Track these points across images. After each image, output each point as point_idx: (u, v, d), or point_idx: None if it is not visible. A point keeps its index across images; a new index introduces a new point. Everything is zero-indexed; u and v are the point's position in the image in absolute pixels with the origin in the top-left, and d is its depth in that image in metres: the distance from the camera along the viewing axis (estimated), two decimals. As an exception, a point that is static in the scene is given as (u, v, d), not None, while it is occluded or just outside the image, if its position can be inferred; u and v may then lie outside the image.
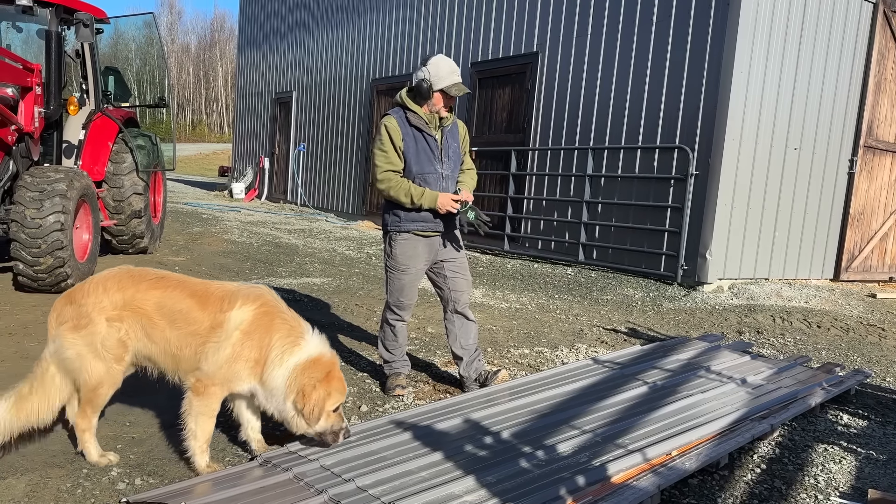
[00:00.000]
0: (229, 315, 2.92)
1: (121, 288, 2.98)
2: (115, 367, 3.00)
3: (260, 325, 2.94)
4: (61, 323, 3.00)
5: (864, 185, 9.76)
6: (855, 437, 4.01)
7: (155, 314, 2.95)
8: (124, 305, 2.96)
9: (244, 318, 2.93)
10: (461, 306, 4.34)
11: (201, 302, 2.96)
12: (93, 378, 2.98)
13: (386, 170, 4.12)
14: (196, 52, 76.96)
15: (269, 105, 19.62)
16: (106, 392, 3.05)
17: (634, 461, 3.08)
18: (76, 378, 3.02)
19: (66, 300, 3.05)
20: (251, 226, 12.82)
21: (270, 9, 19.70)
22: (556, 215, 10.20)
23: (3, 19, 7.78)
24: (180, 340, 2.94)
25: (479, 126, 11.83)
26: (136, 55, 64.42)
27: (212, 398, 2.96)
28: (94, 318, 2.94)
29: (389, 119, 4.15)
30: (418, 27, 13.52)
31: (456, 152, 4.30)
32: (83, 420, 3.08)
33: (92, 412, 3.07)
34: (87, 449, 3.09)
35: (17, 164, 6.72)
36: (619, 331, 6.41)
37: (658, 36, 8.93)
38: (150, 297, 2.97)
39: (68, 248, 6.16)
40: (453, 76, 4.09)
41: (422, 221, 4.17)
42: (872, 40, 9.41)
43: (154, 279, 3.03)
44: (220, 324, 2.92)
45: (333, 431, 3.04)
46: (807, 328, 6.87)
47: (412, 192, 4.07)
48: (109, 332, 2.95)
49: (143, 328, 2.97)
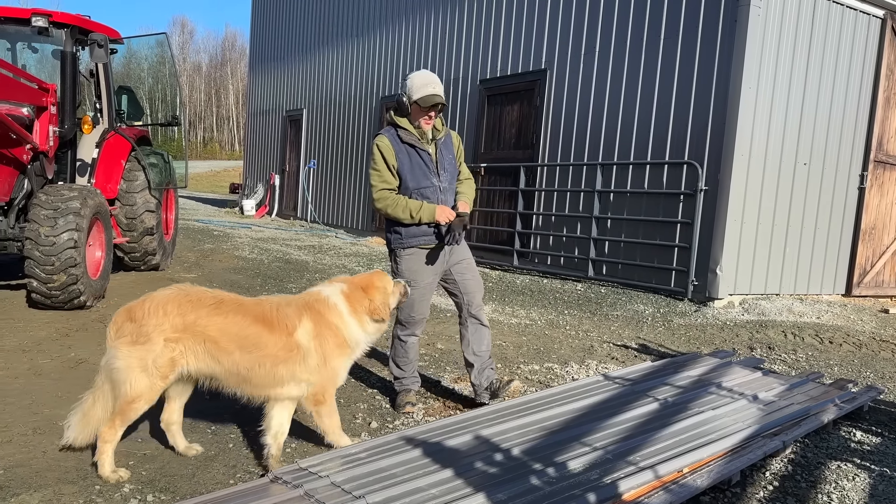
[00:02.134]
0: (297, 336, 3.26)
1: (181, 313, 3.15)
2: (158, 384, 3.14)
3: (318, 323, 3.33)
4: (119, 336, 3.14)
5: (874, 200, 9.71)
6: (868, 454, 3.97)
7: (221, 338, 3.16)
8: (184, 329, 3.13)
9: (308, 330, 3.29)
10: (475, 308, 4.37)
11: (268, 327, 3.22)
12: (133, 391, 3.10)
13: (381, 189, 4.15)
14: (207, 70, 77.67)
15: (279, 123, 19.78)
16: (141, 407, 3.16)
17: (646, 479, 3.06)
18: (117, 389, 3.13)
19: (126, 316, 3.17)
20: (262, 242, 12.89)
21: (281, 28, 19.92)
22: (566, 231, 10.20)
23: (19, 40, 7.91)
24: (251, 363, 3.18)
25: (488, 142, 11.89)
26: (149, 74, 65.08)
27: (331, 399, 3.43)
28: (153, 337, 3.10)
29: (381, 138, 4.19)
30: (427, 45, 13.63)
31: (452, 164, 4.32)
32: (110, 431, 3.15)
33: (121, 425, 3.16)
34: (102, 461, 3.14)
35: (32, 182, 6.81)
36: (629, 347, 6.39)
37: (666, 52, 8.97)
38: (212, 324, 3.16)
39: (81, 266, 6.22)
40: (426, 88, 4.05)
41: (423, 236, 4.20)
42: (881, 55, 9.41)
43: (213, 304, 3.22)
44: (295, 346, 3.25)
45: (403, 295, 3.76)
46: (819, 344, 6.82)
47: (410, 207, 4.11)
48: (164, 351, 3.11)
49: (206, 351, 3.16)
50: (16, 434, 3.57)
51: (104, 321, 6.09)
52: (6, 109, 6.18)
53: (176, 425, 3.45)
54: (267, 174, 20.22)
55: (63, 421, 3.37)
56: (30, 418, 3.80)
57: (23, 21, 7.19)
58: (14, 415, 3.83)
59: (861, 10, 9.13)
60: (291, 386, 3.29)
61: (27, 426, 3.68)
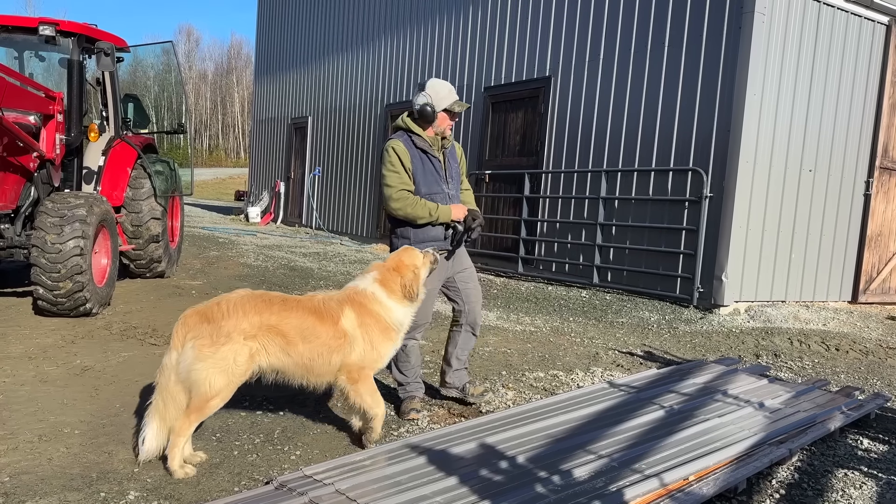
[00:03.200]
0: (343, 324, 3.52)
1: (258, 311, 3.36)
2: (235, 381, 3.30)
3: (360, 313, 3.58)
4: (194, 338, 3.24)
5: (880, 206, 9.69)
6: (875, 461, 3.95)
7: (290, 332, 3.40)
8: (260, 326, 3.33)
9: (351, 319, 3.55)
10: (472, 317, 4.51)
11: (319, 318, 3.48)
12: (212, 389, 3.23)
13: (400, 189, 4.20)
14: (213, 78, 78.04)
15: (284, 130, 19.85)
16: (217, 405, 3.30)
17: (651, 486, 3.05)
18: (195, 388, 3.22)
19: (200, 318, 3.29)
20: (267, 249, 12.91)
21: (287, 36, 20.01)
22: (570, 238, 10.20)
23: (27, 48, 7.96)
24: (312, 352, 3.45)
25: (492, 149, 11.91)
26: (155, 82, 65.47)
27: (368, 378, 3.63)
28: (233, 337, 3.26)
29: (395, 142, 4.27)
30: (432, 53, 13.68)
31: (457, 172, 4.50)
32: (185, 426, 3.26)
33: (196, 420, 3.29)
34: (173, 455, 3.25)
35: (39, 190, 6.85)
36: (634, 354, 6.37)
37: (670, 59, 8.98)
38: (283, 320, 3.40)
39: (87, 273, 6.24)
40: (452, 94, 4.34)
41: (433, 241, 4.26)
42: (886, 62, 9.40)
43: (281, 302, 3.47)
44: (342, 334, 3.51)
45: (433, 262, 3.92)
46: (825, 351, 6.80)
47: (429, 206, 4.21)
48: (242, 349, 3.28)
49: (278, 346, 3.38)
50: (21, 441, 3.58)
51: (110, 328, 6.11)
52: (13, 117, 6.22)
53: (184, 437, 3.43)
54: (272, 181, 20.28)
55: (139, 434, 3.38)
56: (35, 425, 3.80)
57: (30, 30, 7.24)
58: (20, 422, 3.84)
59: (866, 16, 9.13)
60: (341, 376, 3.57)
61: (33, 433, 3.69)
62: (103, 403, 4.21)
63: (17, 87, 6.15)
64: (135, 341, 5.73)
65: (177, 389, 3.26)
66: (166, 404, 3.27)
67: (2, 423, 3.81)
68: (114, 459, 3.42)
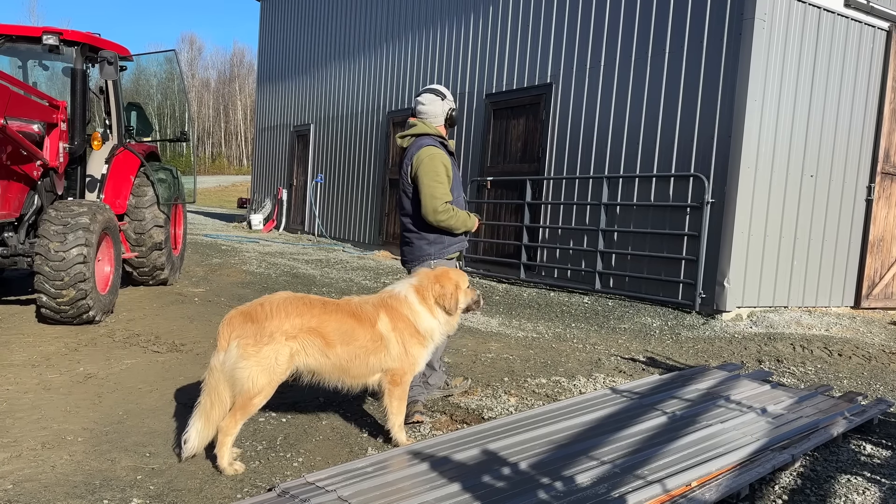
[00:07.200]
0: (379, 328, 3.65)
1: (299, 314, 3.46)
2: (276, 380, 3.40)
3: (393, 317, 3.70)
4: (239, 337, 3.34)
5: (882, 211, 9.68)
6: (879, 467, 3.94)
7: (330, 334, 3.50)
8: (301, 327, 3.44)
9: (386, 322, 3.67)
10: None
11: (358, 321, 3.60)
12: (255, 387, 3.33)
13: (446, 201, 4.28)
14: (216, 86, 78.31)
15: (287, 138, 19.90)
16: (260, 402, 3.40)
17: (654, 492, 3.05)
18: (238, 386, 3.31)
19: (244, 318, 3.39)
20: (269, 256, 12.93)
21: (289, 44, 20.08)
22: (572, 244, 10.20)
23: (30, 57, 8.00)
24: (350, 354, 3.56)
25: (494, 156, 11.93)
26: (158, 90, 65.64)
27: (406, 384, 3.78)
28: (275, 336, 3.37)
29: (440, 152, 4.31)
30: (433, 60, 13.72)
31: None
32: (232, 424, 3.34)
33: (242, 418, 3.38)
34: (222, 454, 3.35)
35: (42, 198, 6.87)
36: (637, 360, 6.37)
37: (671, 66, 9.00)
38: (323, 322, 3.50)
39: (90, 281, 6.25)
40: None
41: (459, 243, 4.45)
42: (887, 67, 9.41)
43: (321, 305, 3.57)
44: (379, 337, 3.63)
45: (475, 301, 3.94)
46: (828, 357, 6.78)
47: (466, 222, 4.36)
48: (284, 349, 3.38)
49: (318, 347, 3.48)
50: (25, 449, 3.59)
51: (113, 336, 6.12)
52: (17, 126, 6.25)
53: (231, 436, 3.46)
54: (275, 189, 20.31)
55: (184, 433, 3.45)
56: (39, 433, 3.81)
57: (34, 39, 7.28)
58: (23, 429, 3.85)
59: (866, 22, 9.15)
60: (381, 375, 3.71)
61: (36, 441, 3.70)
62: (106, 411, 4.22)
63: (20, 96, 6.18)
64: (138, 349, 5.74)
65: (224, 390, 3.34)
66: (213, 405, 3.35)
67: (5, 430, 3.83)
68: (117, 467, 3.43)
